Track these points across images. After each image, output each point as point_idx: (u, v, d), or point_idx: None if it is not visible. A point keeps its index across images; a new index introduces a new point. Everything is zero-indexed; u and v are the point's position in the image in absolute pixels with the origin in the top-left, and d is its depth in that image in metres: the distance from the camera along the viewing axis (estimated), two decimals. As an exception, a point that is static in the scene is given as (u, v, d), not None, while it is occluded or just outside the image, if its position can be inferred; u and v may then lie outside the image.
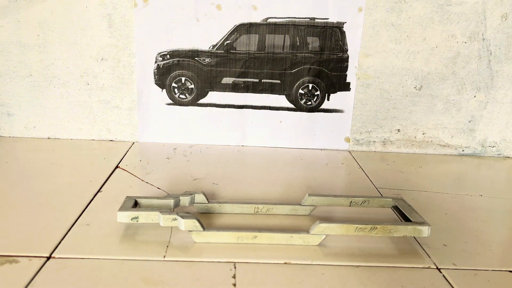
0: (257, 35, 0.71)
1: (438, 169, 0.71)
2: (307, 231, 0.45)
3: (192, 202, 0.50)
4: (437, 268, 0.44)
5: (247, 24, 0.70)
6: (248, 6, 0.69)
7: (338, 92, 0.74)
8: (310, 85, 0.73)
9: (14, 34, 0.69)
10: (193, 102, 0.74)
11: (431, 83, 0.74)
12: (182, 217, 0.42)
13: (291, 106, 0.74)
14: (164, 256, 0.43)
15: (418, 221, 0.46)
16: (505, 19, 0.71)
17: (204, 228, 0.42)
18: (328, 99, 0.74)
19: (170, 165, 0.67)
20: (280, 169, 0.67)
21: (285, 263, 0.42)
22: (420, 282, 0.41)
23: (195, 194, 0.50)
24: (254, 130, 0.75)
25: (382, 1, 0.69)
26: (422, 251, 0.46)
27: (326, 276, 0.41)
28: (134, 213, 0.44)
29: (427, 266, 0.44)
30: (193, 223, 0.42)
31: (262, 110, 0.74)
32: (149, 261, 0.42)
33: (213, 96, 0.74)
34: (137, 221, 0.45)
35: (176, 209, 0.50)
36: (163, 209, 0.45)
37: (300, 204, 0.51)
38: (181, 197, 0.49)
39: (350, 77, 0.73)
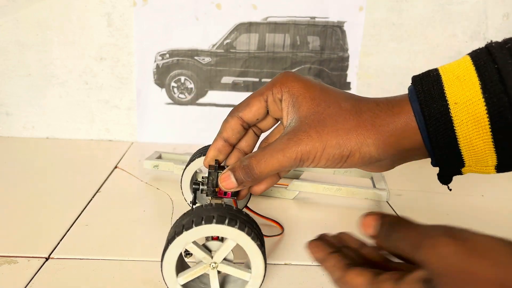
0: (257, 34, 0.70)
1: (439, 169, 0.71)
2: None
3: None
4: (438, 269, 0.43)
5: (247, 23, 0.70)
6: (248, 5, 0.69)
7: (338, 92, 0.74)
8: (311, 85, 0.73)
9: (12, 33, 0.69)
10: (193, 102, 0.74)
11: (432, 83, 0.73)
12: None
13: (291, 105, 0.74)
14: (164, 257, 0.43)
15: (381, 187, 0.54)
16: (507, 18, 0.70)
17: None
18: (328, 99, 0.74)
19: (170, 165, 0.67)
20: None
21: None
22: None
23: None
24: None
25: (383, 0, 0.69)
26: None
27: (325, 277, 0.40)
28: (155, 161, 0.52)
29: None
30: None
31: (262, 110, 0.74)
32: (149, 262, 0.42)
33: (212, 96, 0.73)
34: (157, 168, 0.53)
35: None
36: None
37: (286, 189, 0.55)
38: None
39: (351, 76, 0.73)
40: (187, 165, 0.47)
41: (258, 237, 0.32)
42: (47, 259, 0.42)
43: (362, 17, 0.70)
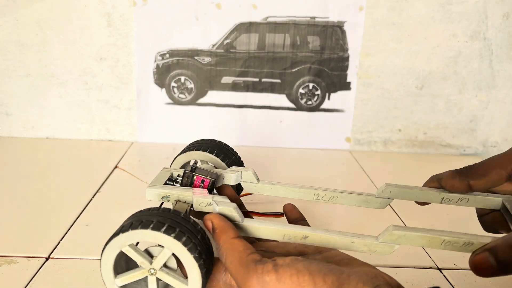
0: (257, 34, 0.70)
1: (439, 169, 0.71)
2: (375, 236, 0.35)
3: (238, 180, 0.43)
4: (438, 268, 0.44)
5: (247, 23, 0.70)
6: (248, 5, 0.69)
7: (338, 92, 0.74)
8: (311, 85, 0.73)
9: (12, 33, 0.69)
10: (193, 102, 0.74)
11: (432, 83, 0.73)
12: (217, 203, 0.34)
13: (292, 105, 0.74)
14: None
15: None
16: (507, 18, 0.70)
17: (242, 220, 0.34)
18: (328, 99, 0.74)
19: (170, 165, 0.67)
20: (280, 169, 0.66)
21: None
22: (421, 283, 0.41)
23: (243, 171, 0.42)
24: (254, 130, 0.75)
25: (383, 0, 0.69)
26: (423, 251, 0.46)
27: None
28: (165, 191, 0.37)
29: (428, 267, 0.44)
30: (229, 212, 0.34)
31: (262, 110, 0.74)
32: (148, 262, 0.42)
33: (212, 96, 0.73)
34: (168, 200, 0.37)
35: (218, 187, 0.43)
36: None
37: (374, 196, 0.42)
38: (225, 174, 0.42)
39: (351, 76, 0.73)
40: (178, 155, 0.47)
41: (197, 248, 0.30)
42: (47, 259, 0.42)
43: (362, 17, 0.70)
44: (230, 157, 0.46)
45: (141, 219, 0.31)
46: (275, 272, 0.26)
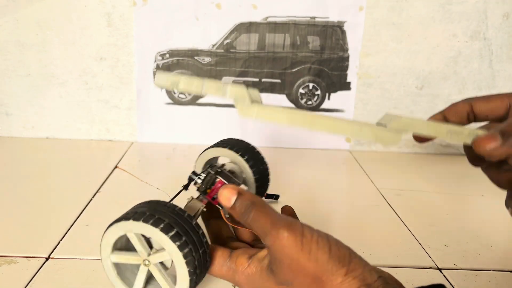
0: (257, 34, 0.70)
1: (439, 169, 0.71)
2: (383, 124, 0.34)
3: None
4: (438, 268, 0.44)
5: (247, 23, 0.70)
6: (248, 5, 0.69)
7: (338, 92, 0.74)
8: (311, 85, 0.73)
9: (12, 33, 0.69)
10: (193, 102, 0.74)
11: (432, 83, 0.73)
12: (229, 85, 0.33)
13: (292, 105, 0.74)
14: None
15: None
16: (507, 18, 0.70)
17: (252, 101, 0.33)
18: (328, 99, 0.74)
19: (170, 165, 0.67)
20: (280, 169, 0.66)
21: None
22: (421, 283, 0.41)
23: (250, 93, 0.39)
24: (253, 130, 0.75)
25: (383, 0, 0.69)
26: (423, 251, 0.46)
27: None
28: (175, 77, 0.34)
29: (428, 267, 0.44)
30: (240, 92, 0.33)
31: (262, 110, 0.74)
32: (148, 262, 0.42)
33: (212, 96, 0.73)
34: (176, 87, 0.34)
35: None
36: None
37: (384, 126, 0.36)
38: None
39: (351, 76, 0.73)
40: (206, 149, 0.47)
41: (195, 263, 0.30)
42: (47, 259, 0.42)
43: (362, 17, 0.70)
44: (258, 167, 0.46)
45: (155, 215, 0.31)
46: (300, 233, 0.28)
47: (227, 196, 0.30)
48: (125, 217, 0.32)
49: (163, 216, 0.31)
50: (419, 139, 0.36)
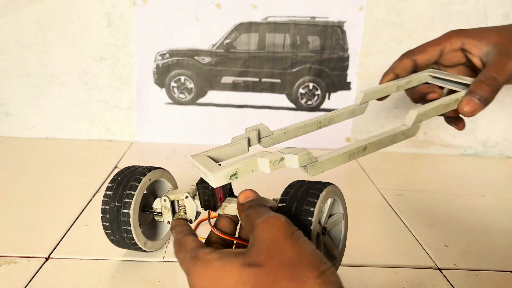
0: (257, 34, 0.70)
1: (439, 169, 0.71)
2: (404, 125, 0.42)
3: (259, 137, 0.42)
4: (438, 268, 0.44)
5: (247, 23, 0.70)
6: (248, 4, 0.69)
7: (339, 92, 0.73)
8: (311, 85, 0.73)
9: (12, 33, 0.69)
10: (193, 102, 0.74)
11: (432, 83, 0.73)
12: (292, 153, 0.34)
13: (292, 105, 0.74)
14: (163, 257, 0.43)
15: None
16: (507, 18, 0.70)
17: (317, 159, 0.35)
18: (329, 99, 0.74)
19: (170, 165, 0.66)
20: (280, 169, 0.66)
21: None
22: (421, 283, 0.41)
23: (259, 128, 0.42)
24: (254, 130, 0.75)
25: (383, 0, 0.69)
26: (423, 252, 0.46)
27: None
28: (230, 170, 0.33)
29: (428, 267, 0.44)
30: (307, 156, 0.34)
31: (262, 110, 0.74)
32: (148, 262, 0.42)
33: (212, 96, 0.73)
34: (236, 178, 0.33)
35: (251, 149, 0.42)
36: (245, 156, 0.37)
37: (356, 104, 0.48)
38: (249, 135, 0.42)
39: (351, 76, 0.73)
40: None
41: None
42: (47, 259, 0.42)
43: (362, 17, 0.70)
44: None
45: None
46: (295, 227, 0.29)
47: (247, 195, 0.33)
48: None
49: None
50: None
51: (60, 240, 0.45)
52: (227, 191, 0.38)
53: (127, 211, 0.38)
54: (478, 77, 0.41)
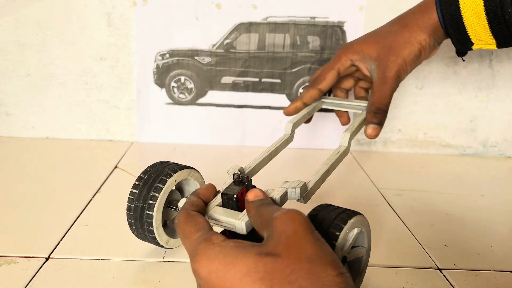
0: (257, 34, 0.70)
1: (439, 169, 0.71)
2: (341, 145, 0.46)
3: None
4: (438, 268, 0.44)
5: (247, 23, 0.70)
6: (248, 5, 0.69)
7: (338, 92, 0.73)
8: (311, 85, 0.73)
9: (12, 33, 0.69)
10: (193, 102, 0.74)
11: (432, 83, 0.73)
12: (294, 186, 0.38)
13: (291, 105, 0.74)
14: (164, 257, 0.43)
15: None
16: (507, 18, 0.70)
17: (307, 188, 0.40)
18: (328, 99, 0.74)
19: (170, 165, 0.67)
20: (280, 169, 0.66)
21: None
22: (421, 283, 0.41)
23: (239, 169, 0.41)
24: (254, 130, 0.75)
25: (383, 0, 0.69)
26: (423, 252, 0.46)
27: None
28: None
29: (428, 267, 0.44)
30: (304, 186, 0.39)
31: (262, 110, 0.74)
32: (149, 262, 0.42)
33: (212, 96, 0.73)
34: None
35: None
36: None
37: (287, 134, 0.53)
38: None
39: (351, 76, 0.73)
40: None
41: None
42: (47, 259, 0.42)
43: (362, 17, 0.70)
44: None
45: None
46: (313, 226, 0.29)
47: (257, 194, 0.33)
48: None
49: None
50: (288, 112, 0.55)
51: (60, 240, 0.45)
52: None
53: (150, 212, 0.38)
54: (369, 107, 0.49)
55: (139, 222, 0.39)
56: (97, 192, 0.56)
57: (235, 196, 0.34)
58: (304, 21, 0.70)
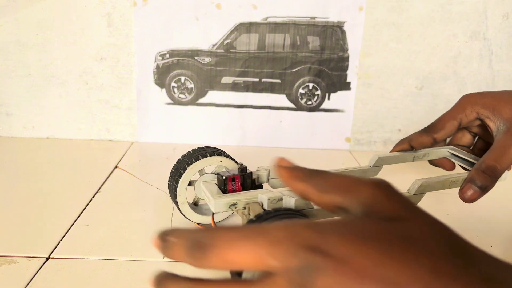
0: (257, 34, 0.70)
1: (439, 170, 0.71)
2: (406, 191, 0.42)
3: (268, 177, 0.44)
4: (438, 269, 0.43)
5: (247, 23, 0.70)
6: (248, 5, 0.69)
7: (338, 92, 0.74)
8: (311, 85, 0.73)
9: (13, 34, 0.69)
10: (193, 102, 0.74)
11: (432, 83, 0.73)
12: (291, 195, 0.35)
13: (292, 105, 0.74)
14: (163, 257, 0.43)
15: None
16: (507, 18, 0.70)
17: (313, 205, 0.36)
18: (328, 99, 0.74)
19: (170, 165, 0.66)
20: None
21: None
22: (421, 283, 0.41)
23: (270, 170, 0.43)
24: (254, 130, 0.75)
25: (383, 0, 0.69)
26: (423, 252, 0.46)
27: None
28: (231, 199, 0.36)
29: (428, 267, 0.44)
30: (304, 202, 0.36)
31: (262, 110, 0.74)
32: (149, 262, 0.42)
33: (212, 96, 0.73)
34: (235, 208, 0.36)
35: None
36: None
37: (369, 166, 0.48)
38: (258, 173, 0.43)
39: (351, 76, 0.73)
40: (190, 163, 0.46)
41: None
42: (47, 259, 0.42)
43: (362, 17, 0.70)
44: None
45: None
46: None
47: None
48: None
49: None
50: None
51: (60, 240, 0.45)
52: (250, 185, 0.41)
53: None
54: (479, 163, 0.41)
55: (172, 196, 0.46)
56: (97, 192, 0.56)
57: (224, 177, 0.39)
58: (304, 21, 0.70)
